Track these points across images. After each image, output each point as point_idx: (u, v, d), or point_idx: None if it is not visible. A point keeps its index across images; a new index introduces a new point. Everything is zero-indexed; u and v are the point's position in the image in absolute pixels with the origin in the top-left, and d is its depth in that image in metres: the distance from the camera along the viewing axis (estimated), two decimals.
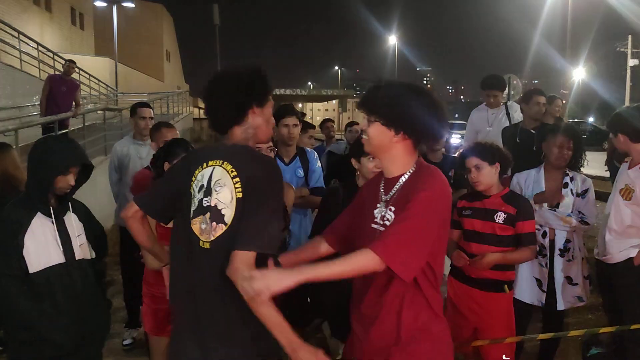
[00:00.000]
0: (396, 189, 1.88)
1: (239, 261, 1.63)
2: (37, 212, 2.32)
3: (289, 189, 2.98)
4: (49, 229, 2.33)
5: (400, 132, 1.83)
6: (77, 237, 2.44)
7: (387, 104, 1.82)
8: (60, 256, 2.34)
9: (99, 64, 21.65)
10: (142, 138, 4.35)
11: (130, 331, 4.26)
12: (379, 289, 1.87)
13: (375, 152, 1.96)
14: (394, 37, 52.84)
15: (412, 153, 1.89)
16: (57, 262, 2.33)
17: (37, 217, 2.31)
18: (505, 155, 2.95)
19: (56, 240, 2.34)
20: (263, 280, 1.59)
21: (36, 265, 2.27)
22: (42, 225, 2.31)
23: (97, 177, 8.34)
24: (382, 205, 1.91)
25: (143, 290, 2.83)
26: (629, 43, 36.75)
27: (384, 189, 1.93)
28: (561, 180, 3.30)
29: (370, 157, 2.84)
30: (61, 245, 2.35)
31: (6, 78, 11.23)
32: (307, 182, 3.44)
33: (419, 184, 1.80)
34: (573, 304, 3.30)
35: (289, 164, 3.41)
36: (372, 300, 1.89)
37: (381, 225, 1.88)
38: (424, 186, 1.78)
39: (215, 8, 19.18)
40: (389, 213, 1.87)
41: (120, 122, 11.63)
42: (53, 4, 20.11)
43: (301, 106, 33.51)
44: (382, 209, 1.91)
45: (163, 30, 38.39)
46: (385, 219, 1.88)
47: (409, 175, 1.87)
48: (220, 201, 1.74)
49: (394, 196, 1.88)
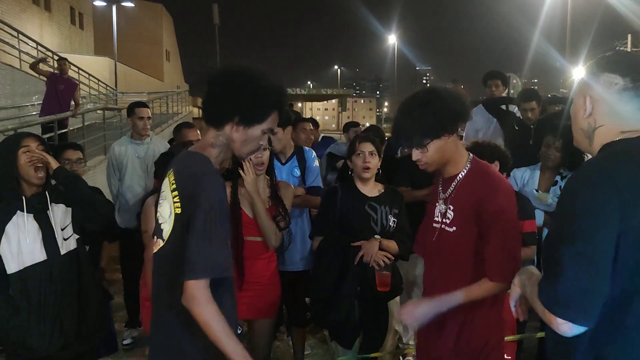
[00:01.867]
0: (453, 187, 1.98)
1: (191, 290, 1.52)
2: (16, 210, 2.28)
3: (287, 188, 2.98)
4: (31, 226, 2.28)
5: (450, 130, 1.91)
6: (62, 230, 2.37)
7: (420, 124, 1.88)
8: (42, 253, 2.29)
9: (98, 64, 21.62)
10: (140, 138, 4.35)
11: (130, 331, 4.27)
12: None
13: (440, 166, 2.01)
14: (393, 36, 52.81)
15: (462, 146, 2.01)
16: (38, 261, 2.28)
17: (16, 216, 2.27)
18: (504, 154, 2.95)
19: (39, 238, 2.29)
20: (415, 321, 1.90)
21: (12, 267, 2.24)
22: (18, 224, 2.26)
23: (97, 177, 8.37)
24: (442, 203, 2.02)
25: (143, 290, 2.83)
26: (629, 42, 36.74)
27: (442, 188, 2.04)
28: (554, 179, 3.30)
29: (358, 153, 2.86)
30: (42, 241, 2.30)
31: (5, 78, 11.22)
32: (304, 182, 3.42)
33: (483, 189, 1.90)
34: None
35: (285, 163, 3.39)
36: None
37: (441, 222, 2.01)
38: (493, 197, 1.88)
39: (215, 8, 19.17)
40: (449, 212, 1.98)
41: (119, 122, 11.63)
42: (52, 4, 20.07)
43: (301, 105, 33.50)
44: (441, 207, 2.02)
45: (163, 29, 38.36)
46: (446, 217, 1.99)
47: (465, 173, 1.97)
48: (161, 215, 1.70)
49: (452, 195, 1.98)
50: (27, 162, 2.30)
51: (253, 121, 1.70)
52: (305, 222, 3.38)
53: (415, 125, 1.89)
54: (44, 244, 2.30)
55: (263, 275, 2.83)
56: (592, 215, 1.22)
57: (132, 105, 4.48)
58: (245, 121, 1.69)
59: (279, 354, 3.97)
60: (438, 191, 2.07)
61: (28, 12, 17.71)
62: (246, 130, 1.71)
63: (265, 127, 1.73)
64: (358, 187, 2.94)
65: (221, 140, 1.72)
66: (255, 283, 2.76)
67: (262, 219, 2.73)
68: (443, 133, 1.90)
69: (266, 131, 1.74)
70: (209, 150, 1.73)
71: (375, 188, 2.96)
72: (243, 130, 1.71)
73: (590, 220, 1.22)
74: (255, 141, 1.74)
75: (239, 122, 1.69)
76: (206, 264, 1.54)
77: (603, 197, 1.21)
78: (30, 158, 2.30)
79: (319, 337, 4.17)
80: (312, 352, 4.01)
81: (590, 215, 1.22)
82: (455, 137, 1.97)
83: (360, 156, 2.87)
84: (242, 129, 1.70)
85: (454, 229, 1.96)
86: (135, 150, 4.32)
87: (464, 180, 1.96)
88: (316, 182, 3.44)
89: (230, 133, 1.71)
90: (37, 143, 2.36)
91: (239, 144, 1.73)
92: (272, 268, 2.91)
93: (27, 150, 2.31)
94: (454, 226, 1.96)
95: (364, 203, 2.89)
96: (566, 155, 3.25)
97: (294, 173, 3.39)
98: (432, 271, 2.12)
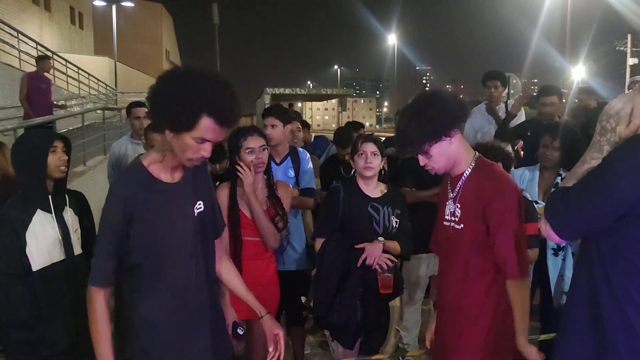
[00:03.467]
0: (460, 185, 2.05)
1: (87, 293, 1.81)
2: (37, 208, 2.31)
3: (286, 188, 2.97)
4: (50, 225, 2.33)
5: (449, 133, 1.96)
6: (75, 232, 2.44)
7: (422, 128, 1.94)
8: (61, 253, 2.34)
9: (98, 64, 21.63)
10: (139, 137, 4.34)
11: None
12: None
13: (448, 168, 2.07)
14: (393, 36, 52.87)
15: (467, 145, 2.06)
16: (58, 259, 2.33)
17: (37, 214, 2.30)
18: (506, 154, 2.95)
19: (57, 237, 2.34)
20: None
21: (38, 263, 2.27)
22: (42, 222, 2.30)
23: (97, 177, 8.33)
24: (451, 202, 2.09)
25: None
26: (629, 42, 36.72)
27: (451, 187, 2.11)
28: (554, 180, 3.29)
29: (361, 153, 2.84)
30: (62, 241, 2.35)
31: (5, 77, 11.23)
32: (298, 183, 3.40)
33: (489, 187, 1.97)
34: (562, 300, 3.29)
35: (280, 163, 3.37)
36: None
37: (451, 221, 2.08)
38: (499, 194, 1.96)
39: (214, 7, 19.14)
40: (457, 210, 2.05)
41: (119, 122, 11.63)
42: (52, 3, 20.07)
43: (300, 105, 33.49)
44: (450, 205, 2.09)
45: (162, 29, 38.35)
46: (454, 215, 2.07)
47: (470, 172, 2.04)
48: None
49: (459, 193, 2.05)
50: (54, 163, 2.35)
51: (180, 128, 1.63)
52: (299, 222, 3.38)
53: (415, 132, 1.94)
54: (63, 244, 2.35)
55: (263, 275, 2.83)
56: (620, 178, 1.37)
57: (129, 105, 4.48)
58: (173, 129, 1.64)
59: None
60: (447, 190, 2.13)
61: (28, 12, 17.70)
62: (179, 138, 1.65)
63: (196, 135, 1.62)
64: (361, 188, 2.93)
65: (164, 145, 1.75)
66: (255, 284, 2.74)
67: (260, 220, 2.72)
68: (442, 136, 1.95)
69: (198, 140, 1.63)
70: (151, 155, 1.79)
71: (378, 188, 2.95)
72: (176, 138, 1.66)
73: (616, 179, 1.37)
74: (191, 150, 1.66)
75: (170, 129, 1.66)
76: (93, 272, 1.76)
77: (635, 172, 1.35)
78: (56, 161, 2.36)
79: (319, 337, 4.17)
80: (312, 351, 4.01)
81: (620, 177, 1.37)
82: (459, 137, 2.02)
83: (362, 156, 2.85)
84: (174, 136, 1.66)
85: (462, 227, 2.04)
86: (135, 150, 4.30)
87: (470, 178, 2.03)
88: (310, 184, 3.42)
89: (170, 139, 1.69)
90: (62, 144, 2.43)
91: (177, 150, 1.69)
92: (272, 269, 2.91)
93: (54, 151, 2.36)
94: (462, 224, 2.04)
95: (367, 204, 2.88)
96: (564, 155, 3.24)
97: (289, 174, 3.37)
98: (445, 269, 2.18)
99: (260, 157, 2.75)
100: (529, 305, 2.08)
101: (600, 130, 1.53)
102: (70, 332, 2.34)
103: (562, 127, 3.37)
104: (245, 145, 2.74)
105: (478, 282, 2.05)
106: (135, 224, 1.71)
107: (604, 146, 1.51)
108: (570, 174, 1.57)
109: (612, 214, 1.39)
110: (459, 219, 2.05)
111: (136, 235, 1.72)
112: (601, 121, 1.53)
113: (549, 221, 1.51)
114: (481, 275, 2.03)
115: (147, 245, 1.75)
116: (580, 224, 1.47)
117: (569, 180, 1.55)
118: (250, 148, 2.74)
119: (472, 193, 2.00)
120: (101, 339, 1.73)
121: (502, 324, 2.05)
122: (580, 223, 1.46)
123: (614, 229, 1.41)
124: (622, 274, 1.41)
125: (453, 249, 2.11)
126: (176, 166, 1.80)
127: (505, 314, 2.04)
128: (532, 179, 3.34)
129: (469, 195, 2.02)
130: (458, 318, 2.10)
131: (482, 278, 2.04)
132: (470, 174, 2.03)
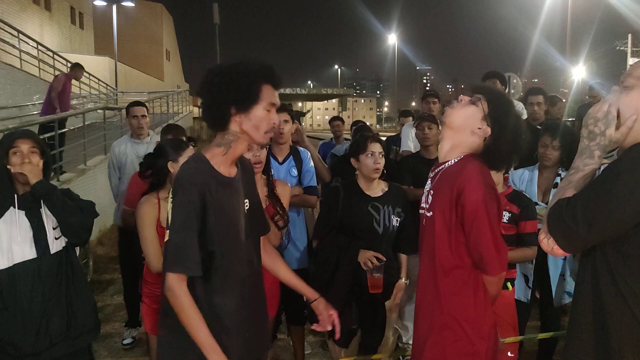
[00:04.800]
0: (438, 171, 1.98)
1: (167, 281, 1.69)
2: (9, 206, 2.27)
3: (285, 186, 2.98)
4: (22, 223, 2.28)
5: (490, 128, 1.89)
6: (54, 229, 2.37)
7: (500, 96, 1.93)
8: (32, 251, 2.29)
9: (98, 63, 21.61)
10: (139, 137, 4.35)
11: (130, 330, 4.26)
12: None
13: (450, 135, 1.96)
14: (393, 36, 52.86)
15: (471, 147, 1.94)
16: (27, 258, 2.28)
17: (9, 212, 2.26)
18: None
19: (30, 235, 2.29)
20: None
21: (3, 263, 2.24)
22: (11, 220, 2.26)
23: (97, 176, 8.36)
24: (428, 186, 2.03)
25: (143, 290, 2.83)
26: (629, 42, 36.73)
27: (432, 173, 2.03)
28: (553, 180, 3.29)
29: (368, 153, 2.84)
30: (34, 239, 2.30)
31: (6, 77, 11.23)
32: (301, 182, 3.42)
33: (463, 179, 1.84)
34: (564, 300, 3.29)
35: (282, 162, 3.38)
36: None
37: (424, 208, 2.00)
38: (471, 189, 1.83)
39: (215, 7, 19.17)
40: (429, 196, 1.98)
41: (120, 122, 11.62)
42: (52, 3, 20.07)
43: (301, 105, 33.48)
44: (428, 191, 2.02)
45: (163, 29, 38.33)
46: (427, 201, 1.99)
47: (453, 162, 1.94)
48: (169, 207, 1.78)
49: (436, 179, 1.97)
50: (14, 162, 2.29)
51: (249, 103, 1.70)
52: (301, 221, 3.38)
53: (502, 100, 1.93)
54: (35, 242, 2.30)
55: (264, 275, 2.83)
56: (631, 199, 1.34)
57: (128, 105, 4.49)
58: (242, 107, 1.70)
59: (279, 353, 3.97)
60: (429, 176, 2.06)
61: (28, 12, 17.70)
62: (249, 116, 1.72)
63: (265, 103, 1.72)
64: (361, 187, 2.93)
65: (227, 138, 1.75)
66: None
67: None
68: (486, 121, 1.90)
69: (268, 107, 1.73)
70: (213, 150, 1.78)
71: (379, 187, 2.95)
72: (246, 117, 1.72)
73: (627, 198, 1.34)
74: (265, 121, 1.74)
75: (237, 111, 1.71)
76: (174, 258, 1.66)
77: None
78: (15, 164, 2.29)
79: (319, 336, 4.17)
80: (313, 351, 4.02)
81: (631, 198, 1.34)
82: (477, 142, 1.93)
83: (371, 157, 2.85)
84: (244, 117, 1.72)
85: (431, 214, 1.94)
86: (135, 150, 4.31)
87: (449, 169, 1.94)
88: (312, 182, 3.45)
89: (238, 127, 1.74)
90: (29, 145, 2.33)
91: (252, 131, 1.74)
92: None
93: (16, 152, 2.30)
94: (431, 211, 1.95)
95: (367, 204, 2.88)
96: (564, 154, 3.24)
97: (292, 173, 3.39)
98: (420, 256, 2.06)
99: (258, 156, 2.76)
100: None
101: (588, 135, 1.50)
102: (37, 333, 2.28)
103: (561, 126, 3.37)
104: None
105: (445, 279, 1.90)
106: (209, 212, 1.71)
107: (595, 151, 1.48)
108: (565, 183, 1.53)
109: (626, 225, 1.37)
110: (430, 205, 1.96)
111: (210, 224, 1.72)
112: (588, 125, 1.50)
113: (555, 237, 1.46)
114: (448, 271, 1.89)
115: (219, 234, 1.75)
116: (591, 238, 1.42)
117: (565, 189, 1.51)
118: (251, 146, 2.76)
119: (447, 182, 1.90)
120: (199, 326, 1.67)
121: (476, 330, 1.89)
122: (592, 237, 1.42)
123: (624, 236, 1.39)
124: (631, 279, 1.39)
125: (423, 239, 2.01)
126: (234, 161, 1.84)
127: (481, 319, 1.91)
128: (531, 180, 3.34)
129: (444, 183, 1.91)
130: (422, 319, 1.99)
131: (450, 274, 1.89)
132: (453, 164, 1.94)
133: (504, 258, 1.88)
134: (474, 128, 1.91)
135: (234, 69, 1.71)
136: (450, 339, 1.89)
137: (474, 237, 1.84)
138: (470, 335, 1.88)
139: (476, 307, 1.90)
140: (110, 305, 5.02)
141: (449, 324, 1.89)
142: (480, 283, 1.92)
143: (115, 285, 5.49)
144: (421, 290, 2.01)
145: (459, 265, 1.89)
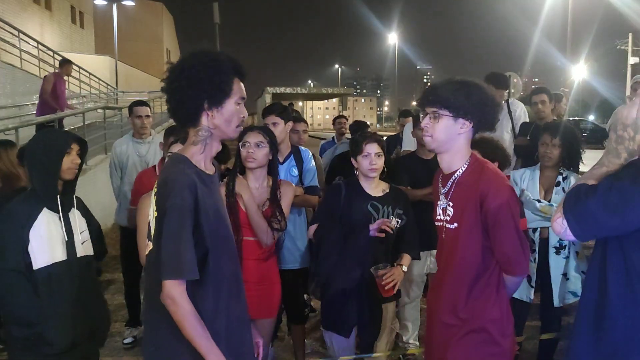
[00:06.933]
0: (452, 183, 2.01)
1: (166, 289, 1.61)
2: (44, 207, 2.31)
3: (288, 186, 2.98)
4: (55, 225, 2.33)
5: (467, 120, 1.94)
6: (81, 234, 2.44)
7: (453, 94, 1.93)
8: (64, 253, 2.34)
9: (99, 63, 21.62)
10: (141, 136, 4.35)
11: (130, 330, 4.27)
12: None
13: (440, 148, 2.02)
14: (394, 35, 52.86)
15: (468, 146, 2.02)
16: (60, 260, 2.33)
17: (43, 213, 2.30)
18: (504, 154, 2.96)
19: (61, 237, 2.34)
20: None
21: (40, 262, 2.27)
22: (47, 222, 2.30)
23: (98, 176, 8.37)
24: (442, 198, 2.05)
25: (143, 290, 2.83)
26: (630, 41, 36.72)
27: (442, 183, 2.07)
28: (555, 179, 3.30)
29: (365, 154, 2.85)
30: (66, 242, 2.35)
31: (6, 77, 11.23)
32: (302, 181, 3.41)
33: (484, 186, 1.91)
34: (568, 300, 3.29)
35: (283, 162, 3.37)
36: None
37: (443, 220, 2.04)
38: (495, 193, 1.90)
39: (215, 6, 19.14)
40: (449, 208, 2.01)
41: (120, 121, 11.61)
42: (53, 3, 20.07)
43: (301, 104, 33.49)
44: (442, 203, 2.05)
45: (163, 28, 38.35)
46: (446, 213, 2.03)
47: (464, 170, 2.00)
48: (151, 219, 1.73)
49: (451, 190, 2.01)
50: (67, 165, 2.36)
51: (222, 97, 1.71)
52: (303, 221, 3.38)
53: (450, 92, 1.94)
54: (66, 245, 2.35)
55: (264, 275, 2.83)
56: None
57: (131, 104, 4.49)
58: (215, 101, 1.71)
59: (280, 353, 3.97)
60: (438, 187, 2.10)
61: (29, 11, 17.71)
62: (221, 110, 1.73)
63: (236, 97, 1.74)
64: (362, 186, 2.94)
65: (202, 134, 1.75)
66: (256, 283, 2.76)
67: (252, 214, 2.73)
68: (461, 114, 1.93)
69: (239, 101, 1.76)
70: (190, 149, 1.76)
71: (380, 187, 2.96)
72: (218, 112, 1.72)
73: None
74: (236, 115, 1.76)
75: (209, 106, 1.71)
76: (171, 265, 1.60)
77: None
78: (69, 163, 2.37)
79: (319, 337, 4.17)
80: (313, 350, 4.02)
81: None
82: (468, 136, 2.00)
83: (367, 157, 2.86)
84: (216, 111, 1.72)
85: (455, 226, 2.00)
86: (136, 149, 4.32)
87: (463, 176, 1.99)
88: (313, 182, 3.44)
89: (209, 122, 1.74)
90: (78, 147, 2.44)
91: (224, 126, 1.75)
92: (273, 268, 2.91)
93: (69, 153, 2.37)
94: (455, 222, 2.00)
95: (367, 202, 2.89)
96: (564, 153, 3.25)
97: (292, 172, 3.39)
98: (440, 268, 2.15)
99: (251, 152, 2.77)
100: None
101: (616, 139, 1.52)
102: (69, 332, 2.34)
103: (561, 126, 3.38)
104: (245, 139, 2.82)
105: (475, 285, 1.97)
106: (201, 213, 1.69)
107: (622, 153, 1.51)
108: (588, 174, 1.55)
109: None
110: (451, 217, 2.01)
111: (203, 224, 1.69)
112: (617, 130, 1.52)
113: (569, 219, 1.46)
114: (476, 275, 1.97)
115: (210, 235, 1.72)
116: (611, 226, 1.41)
117: (587, 179, 1.52)
118: (246, 142, 2.80)
119: (466, 191, 1.96)
120: (203, 334, 1.62)
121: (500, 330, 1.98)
122: (611, 225, 1.41)
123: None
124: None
125: (446, 248, 2.06)
126: (212, 157, 1.83)
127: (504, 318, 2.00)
128: (532, 179, 3.35)
129: (463, 193, 1.97)
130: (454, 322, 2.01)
131: (480, 280, 1.97)
132: (464, 172, 1.99)
133: (528, 257, 1.97)
134: (458, 130, 1.97)
135: (204, 63, 1.69)
136: (477, 341, 1.96)
137: (500, 239, 1.92)
138: (495, 336, 1.95)
139: (500, 307, 1.99)
140: (111, 304, 5.01)
141: (474, 328, 1.96)
142: (501, 282, 2.00)
143: (115, 284, 5.49)
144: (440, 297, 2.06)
145: (486, 269, 1.97)
